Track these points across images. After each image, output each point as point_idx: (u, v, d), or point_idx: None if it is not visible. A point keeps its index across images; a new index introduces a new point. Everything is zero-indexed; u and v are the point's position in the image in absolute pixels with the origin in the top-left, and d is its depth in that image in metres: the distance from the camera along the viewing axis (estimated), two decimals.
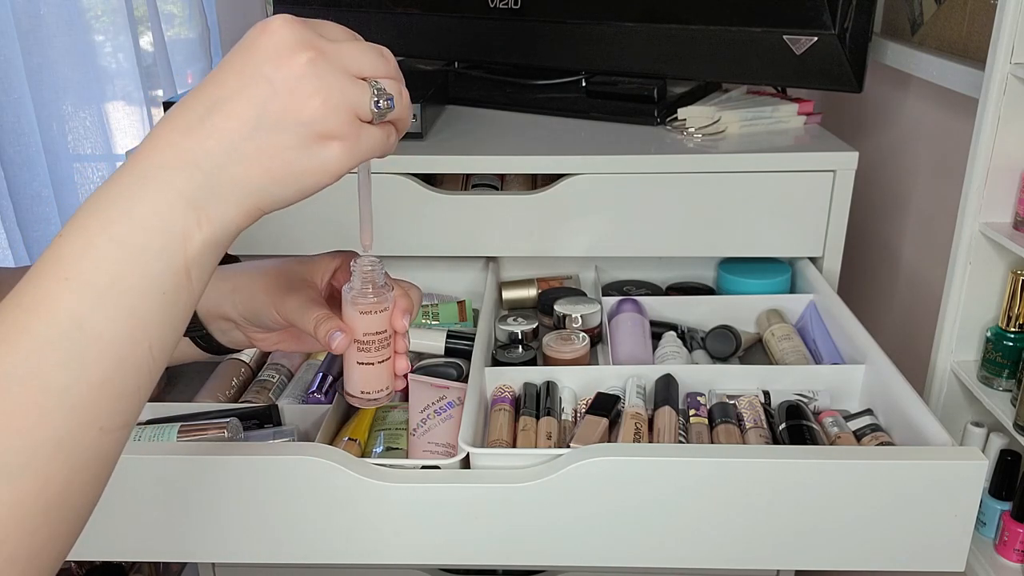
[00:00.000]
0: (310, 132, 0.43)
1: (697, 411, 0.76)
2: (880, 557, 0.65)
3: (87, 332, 0.39)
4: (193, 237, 0.42)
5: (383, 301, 0.56)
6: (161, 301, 0.41)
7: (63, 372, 0.39)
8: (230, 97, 0.42)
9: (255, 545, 0.67)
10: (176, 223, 0.41)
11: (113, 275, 0.40)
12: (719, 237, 0.96)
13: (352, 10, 1.23)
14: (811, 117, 1.06)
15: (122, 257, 0.41)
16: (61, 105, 1.40)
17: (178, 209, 0.42)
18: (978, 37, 0.91)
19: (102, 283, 0.40)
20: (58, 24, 1.35)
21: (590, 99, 1.10)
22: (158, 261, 0.41)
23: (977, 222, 0.82)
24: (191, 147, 0.42)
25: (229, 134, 0.42)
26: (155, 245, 0.41)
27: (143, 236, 0.41)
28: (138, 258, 0.41)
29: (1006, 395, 0.83)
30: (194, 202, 0.42)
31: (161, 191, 0.41)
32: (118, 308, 0.40)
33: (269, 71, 0.42)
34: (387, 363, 0.57)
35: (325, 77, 0.43)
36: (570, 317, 0.92)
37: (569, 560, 0.67)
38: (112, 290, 0.40)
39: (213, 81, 0.43)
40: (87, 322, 0.40)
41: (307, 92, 0.42)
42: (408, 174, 0.94)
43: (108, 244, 0.40)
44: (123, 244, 0.41)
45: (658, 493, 0.64)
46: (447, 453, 0.75)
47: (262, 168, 0.43)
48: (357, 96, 0.44)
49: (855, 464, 0.63)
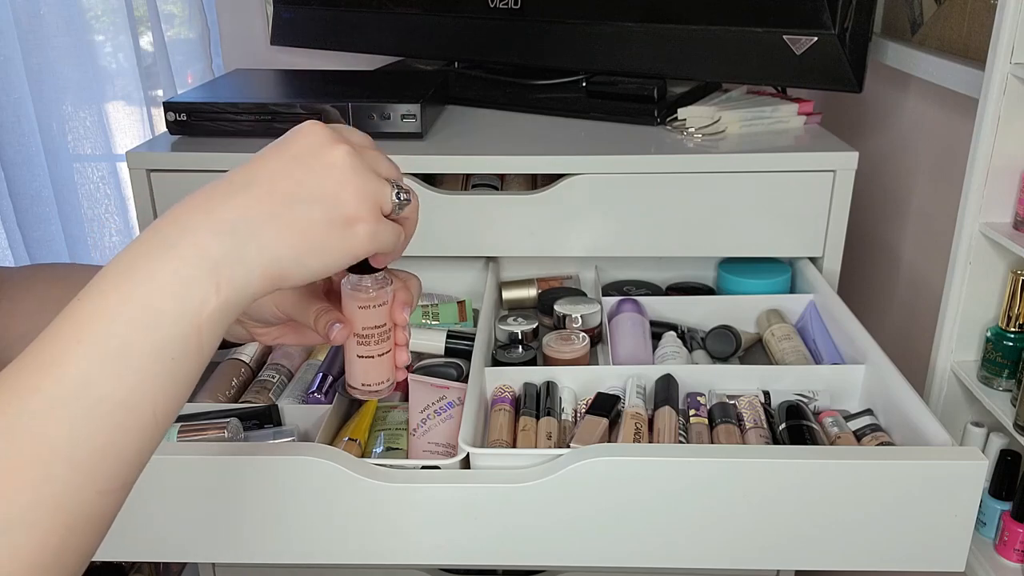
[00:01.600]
0: (341, 213, 0.46)
1: (697, 411, 0.76)
2: (880, 557, 0.65)
3: (94, 395, 0.40)
4: (209, 303, 0.43)
5: (382, 295, 0.56)
6: (170, 367, 0.42)
7: (68, 433, 0.40)
8: (270, 176, 0.46)
9: (255, 545, 0.67)
10: (195, 289, 0.43)
11: (124, 338, 0.41)
12: (719, 237, 0.96)
13: (352, 10, 1.23)
14: (811, 117, 1.06)
15: (136, 322, 0.42)
16: (61, 105, 1.40)
17: (200, 274, 0.43)
18: (978, 37, 0.91)
19: (113, 347, 0.41)
20: (58, 24, 1.35)
21: (590, 99, 1.10)
22: (171, 326, 0.42)
23: (977, 222, 0.82)
24: (226, 213, 0.44)
25: (268, 202, 0.45)
26: (170, 310, 0.42)
27: (159, 302, 0.42)
28: (152, 324, 0.42)
29: (1006, 395, 0.83)
30: (217, 267, 0.43)
31: (187, 256, 0.43)
32: (126, 372, 0.41)
33: (309, 158, 0.46)
34: (387, 356, 0.58)
35: (358, 169, 0.47)
36: (570, 317, 0.92)
37: (569, 560, 0.67)
38: (122, 354, 0.41)
39: (255, 163, 0.47)
40: (95, 385, 0.41)
41: (342, 178, 0.46)
42: (408, 174, 0.94)
43: (124, 308, 0.42)
44: (139, 309, 0.42)
45: (658, 493, 0.64)
46: (447, 453, 0.75)
47: (292, 238, 0.45)
48: (382, 190, 0.48)
49: (855, 464, 0.63)
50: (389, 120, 0.97)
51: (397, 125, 0.98)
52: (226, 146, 0.96)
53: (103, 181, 1.47)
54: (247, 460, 0.65)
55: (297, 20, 1.29)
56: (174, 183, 0.95)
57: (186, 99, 1.00)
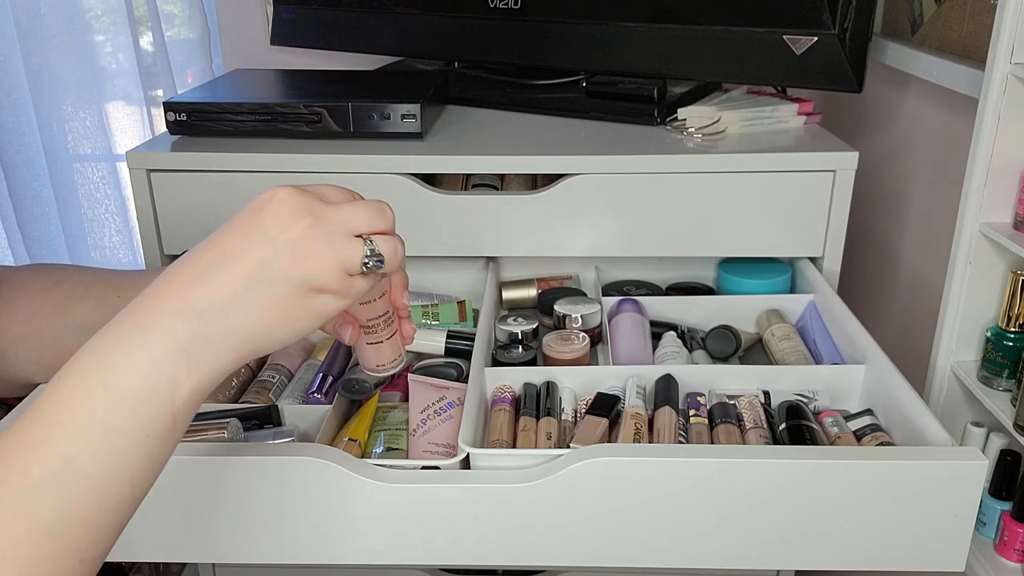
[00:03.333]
0: (305, 286, 0.48)
1: (697, 411, 0.76)
2: (880, 557, 0.65)
3: (77, 474, 0.43)
4: (182, 385, 0.46)
5: (380, 287, 0.58)
6: (147, 444, 0.45)
7: (52, 510, 0.42)
8: (234, 254, 0.47)
9: (255, 545, 0.67)
10: (168, 372, 0.45)
11: (104, 421, 0.44)
12: (719, 237, 0.96)
13: (352, 10, 1.23)
14: (811, 117, 1.06)
15: (114, 403, 0.44)
16: (61, 105, 1.40)
17: (171, 358, 0.45)
18: (978, 37, 0.91)
19: (94, 428, 0.44)
20: (58, 24, 1.35)
21: (590, 99, 1.10)
22: (147, 408, 0.45)
23: (977, 222, 0.82)
24: (193, 297, 0.46)
25: (231, 285, 0.47)
26: (146, 393, 0.45)
27: (135, 383, 0.44)
28: (129, 405, 0.44)
29: (1006, 395, 0.83)
30: (188, 350, 0.46)
31: (158, 340, 0.45)
32: (106, 452, 0.44)
33: (273, 233, 0.47)
34: (395, 336, 0.61)
35: (321, 239, 0.48)
36: (570, 317, 0.92)
37: (569, 560, 0.67)
38: (102, 435, 0.44)
39: (220, 240, 0.48)
40: (77, 465, 0.43)
41: (304, 252, 0.47)
42: (408, 174, 0.94)
43: (102, 390, 0.44)
44: (116, 391, 0.44)
45: (658, 493, 0.64)
46: (447, 453, 0.75)
47: (259, 314, 0.47)
48: (349, 255, 0.49)
49: (855, 464, 0.63)
50: (389, 120, 0.97)
51: (397, 125, 0.98)
52: (226, 146, 0.96)
53: (103, 181, 1.47)
54: (247, 460, 0.65)
55: (297, 20, 1.29)
56: (174, 183, 0.95)
57: (186, 99, 1.00)
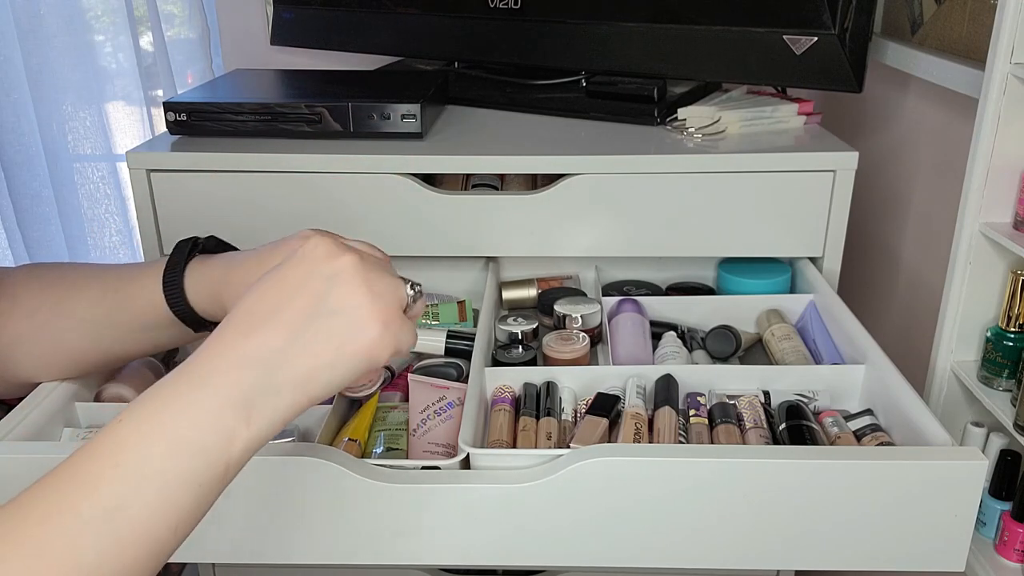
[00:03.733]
0: (361, 314, 0.49)
1: (697, 411, 0.76)
2: (880, 557, 0.65)
3: (126, 517, 0.44)
4: (239, 437, 0.46)
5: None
6: (196, 492, 0.46)
7: (97, 551, 0.43)
8: (289, 297, 0.48)
9: (255, 545, 0.67)
10: (226, 425, 0.46)
11: (159, 467, 0.44)
12: (719, 237, 0.96)
13: (352, 10, 1.23)
14: (811, 117, 1.06)
15: (170, 452, 0.45)
16: (61, 105, 1.40)
17: (230, 410, 0.46)
18: (978, 37, 0.91)
19: (148, 475, 0.44)
20: (58, 24, 1.35)
21: (590, 99, 1.10)
22: (203, 457, 0.46)
23: (977, 222, 0.82)
24: (253, 347, 0.47)
25: (289, 327, 0.48)
26: (202, 445, 0.45)
27: (193, 435, 0.45)
28: (186, 456, 0.45)
29: (1006, 395, 0.83)
30: (247, 401, 0.47)
31: (216, 392, 0.46)
32: (156, 497, 0.44)
33: (324, 269, 0.49)
34: None
35: (371, 271, 0.50)
36: (570, 317, 0.92)
37: (569, 560, 0.67)
38: (156, 480, 0.44)
39: (271, 286, 0.49)
40: (128, 508, 0.44)
41: (358, 282, 0.49)
42: (408, 174, 0.94)
43: (160, 439, 0.45)
44: (174, 441, 0.45)
45: (658, 493, 0.64)
46: (447, 453, 0.75)
47: (317, 354, 0.48)
48: (397, 285, 0.51)
49: (855, 464, 0.63)
50: (389, 120, 0.97)
51: (397, 125, 0.98)
52: (226, 146, 0.96)
53: (103, 181, 1.47)
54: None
55: (297, 20, 1.29)
56: (174, 183, 0.95)
57: (186, 99, 1.00)
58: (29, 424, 0.70)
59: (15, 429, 0.69)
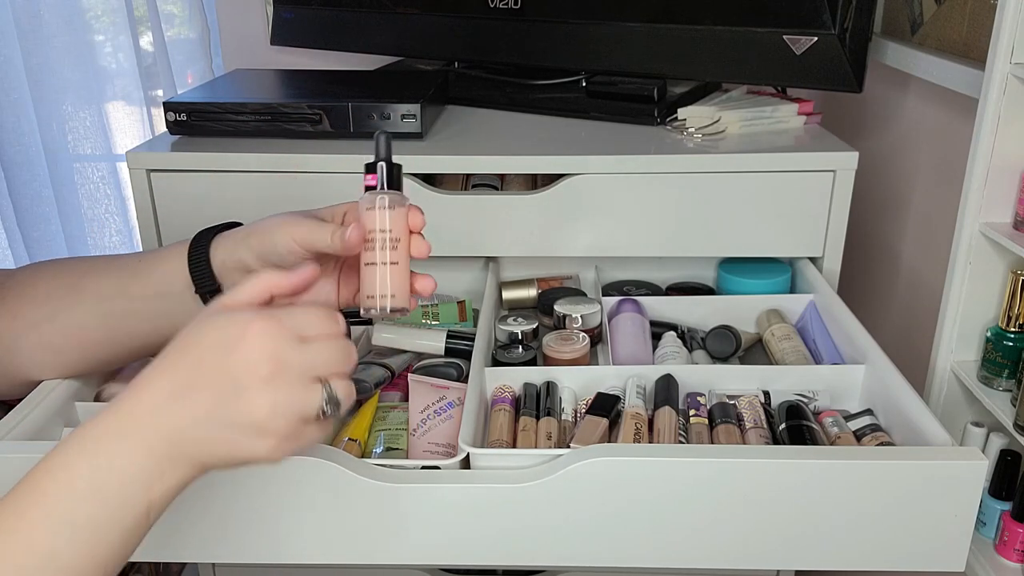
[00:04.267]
0: (254, 430, 0.51)
1: (697, 411, 0.76)
2: (880, 557, 0.65)
3: (58, 564, 0.47)
4: (155, 487, 0.50)
5: (394, 200, 0.60)
6: (122, 536, 0.49)
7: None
8: (201, 387, 0.50)
9: (255, 545, 0.67)
10: (145, 475, 0.50)
11: (88, 515, 0.48)
12: (719, 237, 0.96)
13: (352, 10, 1.23)
14: (811, 117, 1.06)
15: (98, 500, 0.48)
16: (61, 105, 1.40)
17: (149, 464, 0.50)
18: (978, 37, 0.91)
19: (79, 522, 0.48)
20: (58, 24, 1.35)
21: (590, 99, 1.10)
22: (128, 505, 0.49)
23: (977, 222, 0.82)
24: (165, 419, 0.50)
25: (196, 414, 0.50)
26: (127, 492, 0.49)
27: (117, 482, 0.49)
28: (111, 502, 0.49)
29: (1006, 395, 0.83)
30: (159, 463, 0.50)
31: (135, 449, 0.50)
32: (88, 544, 0.48)
33: (238, 376, 0.50)
34: (396, 268, 0.60)
35: (281, 388, 0.51)
36: (570, 317, 0.92)
37: (569, 560, 0.67)
38: (86, 528, 0.48)
39: (191, 364, 0.51)
40: (60, 556, 0.47)
41: (260, 401, 0.50)
42: (408, 174, 0.94)
43: (86, 486, 0.48)
44: (100, 490, 0.49)
45: (658, 493, 0.64)
46: (447, 453, 0.75)
47: (212, 447, 0.51)
48: (307, 403, 0.52)
49: (855, 464, 0.63)
50: (389, 120, 0.97)
51: (397, 125, 0.98)
52: (226, 146, 0.96)
53: (103, 181, 1.47)
54: None
55: (297, 20, 1.29)
56: (174, 183, 0.95)
57: (186, 99, 1.00)
58: (29, 424, 0.70)
59: (15, 429, 0.69)
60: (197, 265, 0.67)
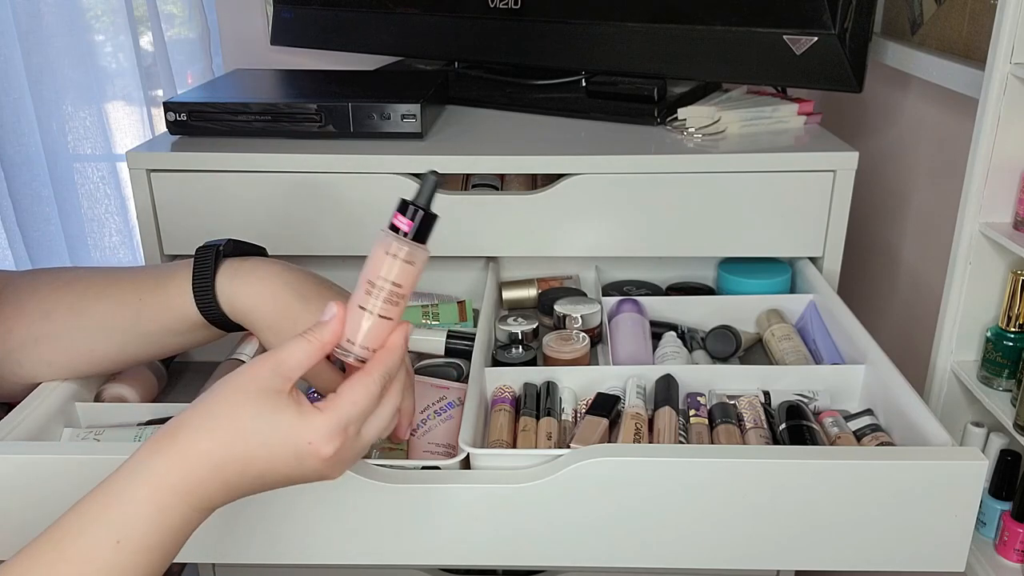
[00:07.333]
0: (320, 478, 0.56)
1: (697, 411, 0.76)
2: (880, 557, 0.65)
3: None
4: (193, 522, 0.53)
5: (415, 255, 0.56)
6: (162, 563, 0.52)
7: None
8: (269, 483, 0.55)
9: (255, 545, 0.67)
10: (187, 519, 0.53)
11: (120, 565, 0.50)
12: (719, 237, 0.96)
13: (352, 10, 1.23)
14: (811, 117, 1.06)
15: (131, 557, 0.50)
16: (61, 105, 1.40)
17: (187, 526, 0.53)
18: (978, 37, 0.91)
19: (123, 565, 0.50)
20: (58, 24, 1.35)
21: (590, 99, 1.10)
22: (161, 553, 0.52)
23: (977, 222, 0.82)
24: (219, 499, 0.54)
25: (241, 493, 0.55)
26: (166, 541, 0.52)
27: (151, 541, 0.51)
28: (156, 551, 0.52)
29: (1006, 395, 0.83)
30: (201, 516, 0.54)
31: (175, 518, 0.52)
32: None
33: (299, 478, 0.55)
34: (386, 324, 0.57)
35: (337, 470, 0.56)
36: (570, 317, 0.92)
37: (569, 560, 0.67)
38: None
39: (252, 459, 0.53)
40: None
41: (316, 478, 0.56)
42: (408, 174, 0.94)
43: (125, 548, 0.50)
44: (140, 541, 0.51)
45: (658, 493, 0.64)
46: (447, 454, 0.75)
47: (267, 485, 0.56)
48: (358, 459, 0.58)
49: (855, 464, 0.63)
50: (389, 120, 0.97)
51: (397, 125, 0.98)
52: (226, 146, 0.96)
53: (103, 181, 1.47)
54: None
55: (297, 20, 1.29)
56: (174, 183, 0.95)
57: (186, 99, 1.00)
58: (29, 424, 0.70)
59: (15, 429, 0.69)
60: (203, 301, 0.68)
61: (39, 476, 0.65)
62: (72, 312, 0.69)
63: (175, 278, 0.68)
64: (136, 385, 0.81)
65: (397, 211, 0.56)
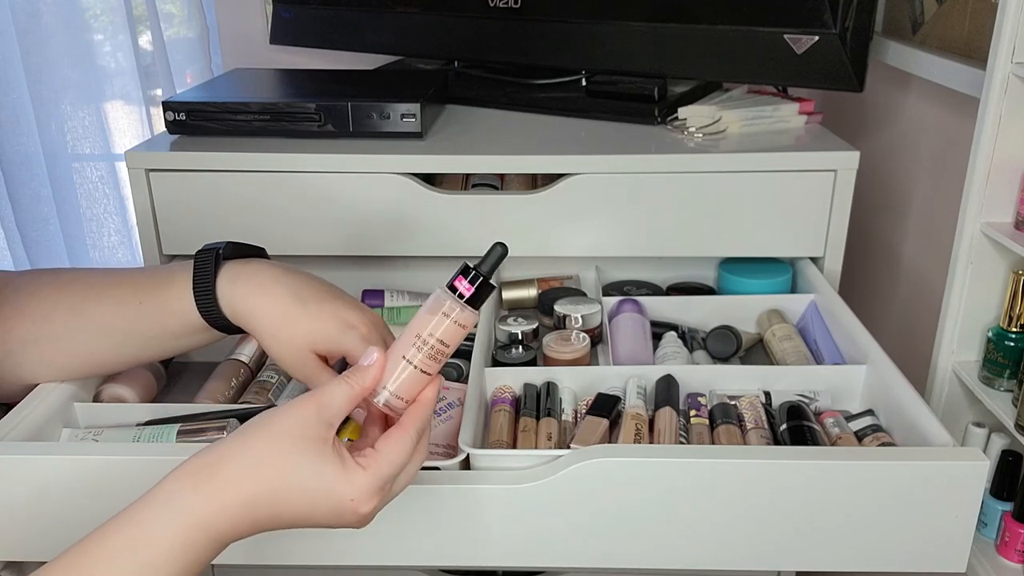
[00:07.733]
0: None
1: (698, 412, 0.76)
2: (881, 558, 0.65)
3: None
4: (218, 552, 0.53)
5: (466, 319, 0.57)
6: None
7: None
8: (306, 523, 0.54)
9: (255, 545, 0.67)
10: (214, 548, 0.52)
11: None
12: (719, 237, 0.96)
13: (352, 10, 1.23)
14: (812, 117, 1.06)
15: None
16: (60, 105, 1.40)
17: (210, 549, 0.53)
18: (979, 36, 0.90)
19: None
20: (57, 24, 1.35)
21: (590, 99, 1.10)
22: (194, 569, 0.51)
23: (978, 222, 0.82)
24: (245, 532, 0.53)
25: (288, 524, 0.54)
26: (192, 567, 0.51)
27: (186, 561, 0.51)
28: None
29: (1007, 395, 0.83)
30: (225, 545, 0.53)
31: (202, 544, 0.51)
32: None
33: (339, 524, 0.55)
34: (425, 379, 0.57)
35: (367, 521, 0.56)
36: (570, 317, 0.92)
37: (569, 560, 0.67)
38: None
39: (303, 512, 0.53)
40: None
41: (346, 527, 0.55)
42: (408, 174, 0.94)
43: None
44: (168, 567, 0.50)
45: (658, 494, 0.64)
46: (447, 454, 0.74)
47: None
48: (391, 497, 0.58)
49: (856, 465, 0.63)
50: (389, 120, 0.97)
51: (397, 125, 0.98)
52: (225, 146, 0.96)
53: (102, 181, 1.47)
54: None
55: (297, 20, 1.29)
56: (173, 183, 0.95)
57: (185, 99, 1.00)
58: (28, 424, 0.70)
59: (15, 429, 0.68)
60: (205, 306, 0.67)
61: (38, 476, 0.65)
62: (72, 313, 0.69)
63: (175, 282, 0.68)
64: (135, 385, 0.80)
65: (460, 274, 0.58)
